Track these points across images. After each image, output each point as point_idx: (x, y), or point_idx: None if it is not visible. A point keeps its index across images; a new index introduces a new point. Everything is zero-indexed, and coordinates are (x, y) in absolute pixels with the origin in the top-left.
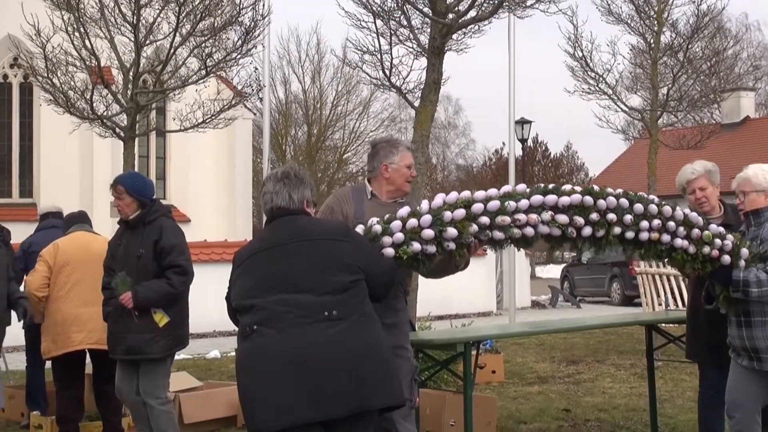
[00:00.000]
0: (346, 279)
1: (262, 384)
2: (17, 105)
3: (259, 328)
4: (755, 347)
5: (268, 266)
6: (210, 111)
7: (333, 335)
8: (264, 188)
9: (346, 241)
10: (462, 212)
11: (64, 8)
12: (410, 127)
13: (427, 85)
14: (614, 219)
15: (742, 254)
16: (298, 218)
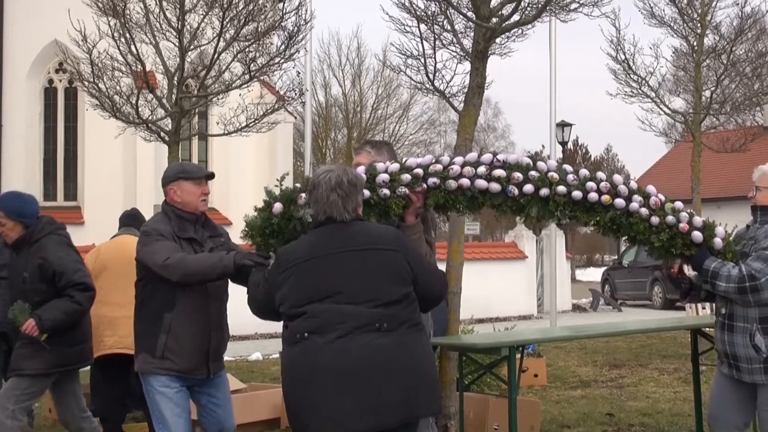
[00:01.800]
0: (399, 291)
1: (313, 393)
2: (62, 109)
3: (310, 336)
4: (735, 354)
5: (320, 274)
6: (253, 115)
7: (383, 346)
8: (316, 193)
9: (398, 251)
10: (396, 166)
11: (111, 14)
12: (450, 130)
13: (470, 89)
14: (556, 177)
15: (717, 232)
16: (352, 225)
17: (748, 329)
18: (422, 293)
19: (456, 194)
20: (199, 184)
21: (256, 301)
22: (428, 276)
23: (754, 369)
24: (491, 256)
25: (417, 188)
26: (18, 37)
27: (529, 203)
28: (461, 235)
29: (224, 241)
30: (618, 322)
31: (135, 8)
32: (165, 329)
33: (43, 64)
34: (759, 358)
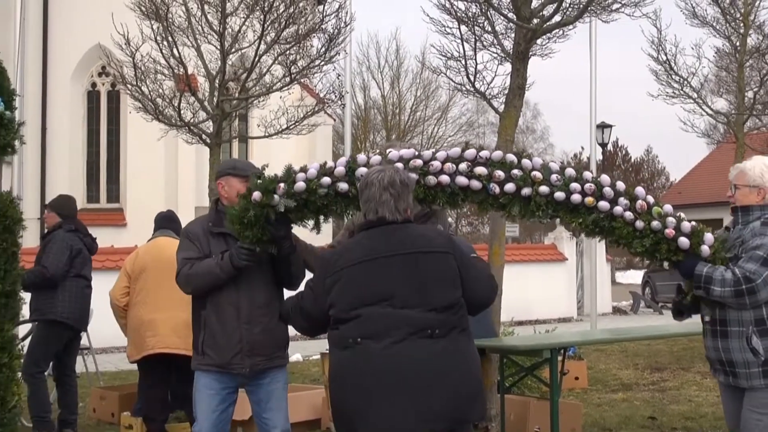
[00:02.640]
0: (451, 295)
1: (363, 398)
2: (105, 112)
3: (363, 341)
4: (731, 360)
5: (373, 278)
6: (294, 117)
7: (436, 352)
8: (367, 192)
9: (450, 254)
10: (378, 158)
11: (153, 18)
12: (488, 131)
13: (511, 90)
14: (539, 177)
15: (706, 239)
16: (403, 228)
17: (744, 333)
18: (470, 297)
19: (435, 190)
20: (245, 181)
21: (303, 318)
22: (477, 280)
23: (752, 373)
24: (531, 258)
25: None
26: (62, 42)
27: (510, 202)
28: (502, 237)
29: None
30: (659, 325)
31: (177, 12)
32: (202, 326)
33: (86, 68)
34: (757, 362)
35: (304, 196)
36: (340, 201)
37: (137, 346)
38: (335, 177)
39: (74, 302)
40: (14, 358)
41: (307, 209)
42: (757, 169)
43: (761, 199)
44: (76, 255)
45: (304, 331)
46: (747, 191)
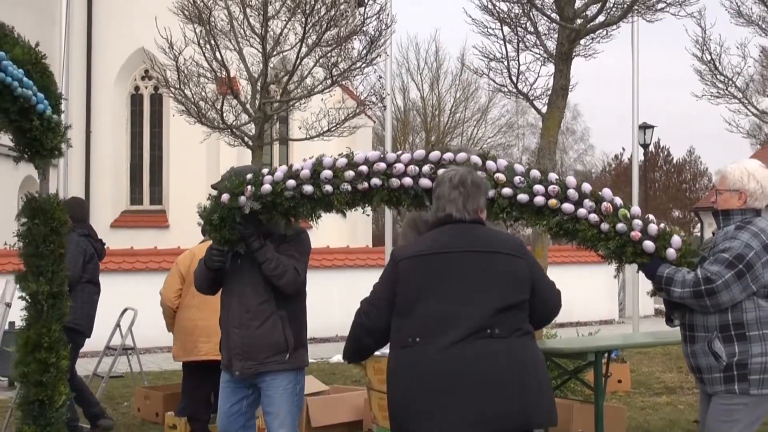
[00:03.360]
0: (516, 296)
1: (422, 400)
2: (148, 115)
3: (421, 340)
4: (698, 365)
5: (438, 272)
6: (335, 119)
7: (496, 353)
8: (438, 190)
9: (521, 258)
10: (343, 161)
11: (196, 22)
12: (528, 132)
13: (554, 91)
14: (503, 179)
15: (673, 243)
16: (474, 227)
17: (708, 338)
18: (540, 307)
19: (400, 192)
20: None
21: (365, 333)
22: (548, 290)
23: (714, 378)
24: (573, 260)
25: (359, 186)
26: (106, 46)
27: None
28: (544, 239)
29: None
30: None
31: (220, 15)
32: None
33: (129, 72)
34: (719, 366)
35: (270, 199)
36: (306, 203)
37: (187, 349)
38: (300, 179)
39: (85, 308)
40: (61, 359)
41: (276, 211)
42: (737, 172)
43: (742, 203)
44: (89, 260)
45: (366, 352)
46: (728, 195)
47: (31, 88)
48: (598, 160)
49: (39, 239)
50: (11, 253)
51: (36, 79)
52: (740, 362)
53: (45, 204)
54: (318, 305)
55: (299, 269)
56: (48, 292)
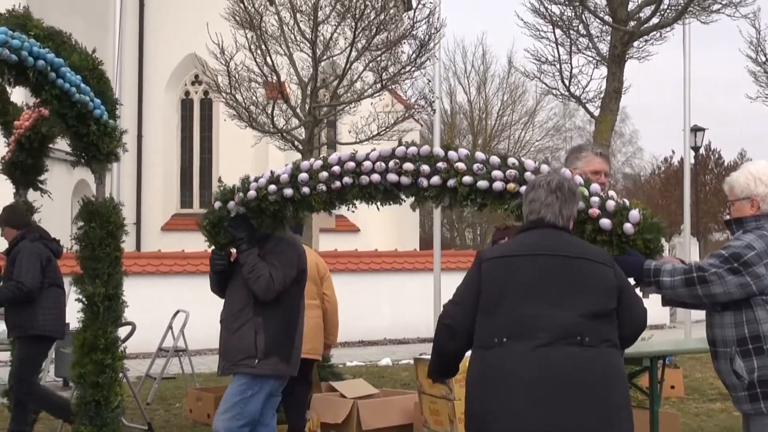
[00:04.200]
0: (607, 305)
1: (504, 402)
2: (198, 120)
3: (509, 341)
4: (725, 383)
5: (528, 272)
6: (384, 123)
7: (585, 361)
8: (533, 194)
9: (611, 268)
10: (319, 163)
11: (247, 27)
12: (575, 136)
13: (607, 94)
14: (463, 168)
15: (631, 217)
16: (564, 233)
17: (728, 354)
18: (626, 317)
19: (370, 188)
20: None
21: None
22: (635, 301)
23: (740, 398)
24: None
25: (333, 186)
26: (157, 52)
27: (440, 194)
28: None
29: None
30: None
31: (270, 21)
32: None
33: (180, 77)
34: (742, 385)
35: (254, 204)
36: (289, 205)
37: None
38: (281, 184)
39: (54, 313)
40: (117, 360)
41: (264, 214)
42: (743, 179)
43: (756, 209)
44: (47, 263)
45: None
46: (739, 205)
47: (89, 93)
48: (647, 164)
49: (95, 242)
50: (67, 256)
51: (93, 84)
52: (762, 378)
53: (101, 208)
54: (366, 308)
55: (274, 277)
56: (104, 294)
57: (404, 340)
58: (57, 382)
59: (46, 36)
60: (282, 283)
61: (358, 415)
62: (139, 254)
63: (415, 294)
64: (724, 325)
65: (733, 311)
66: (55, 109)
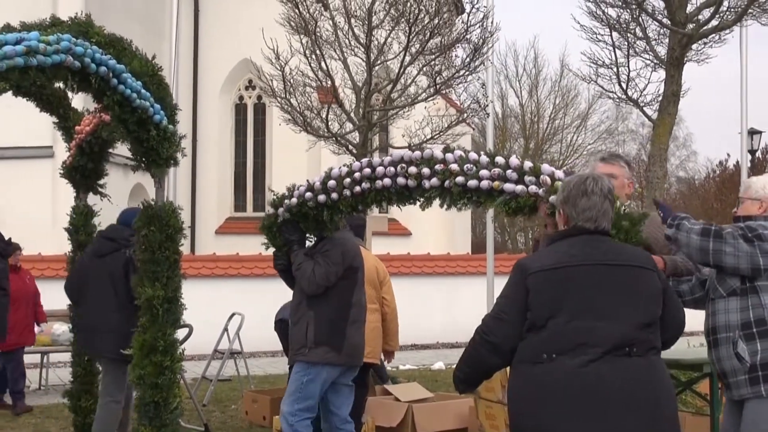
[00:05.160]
0: (654, 313)
1: (556, 420)
2: (252, 124)
3: (558, 357)
4: (723, 371)
5: (572, 285)
6: (438, 127)
7: (633, 373)
8: (586, 201)
9: (655, 272)
10: (345, 170)
11: (302, 32)
12: (628, 139)
13: (665, 97)
14: (456, 169)
15: None
16: (605, 239)
17: (731, 338)
18: (669, 321)
19: (383, 192)
20: None
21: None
22: (676, 304)
23: (739, 382)
24: None
25: (354, 190)
26: (212, 57)
27: (440, 194)
28: None
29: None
30: None
31: (325, 26)
32: None
33: (234, 82)
34: (743, 368)
35: (297, 209)
36: (323, 209)
37: None
38: (315, 191)
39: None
40: (176, 362)
41: (307, 218)
42: (760, 182)
43: (763, 210)
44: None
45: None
46: (749, 204)
47: (149, 99)
48: (702, 167)
49: (155, 245)
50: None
51: (153, 90)
52: (764, 361)
53: (161, 211)
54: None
55: (316, 272)
56: (163, 297)
57: (457, 344)
58: None
59: (107, 43)
60: (324, 278)
61: (412, 418)
62: (195, 257)
63: (467, 298)
64: (729, 310)
65: (740, 296)
66: (116, 114)
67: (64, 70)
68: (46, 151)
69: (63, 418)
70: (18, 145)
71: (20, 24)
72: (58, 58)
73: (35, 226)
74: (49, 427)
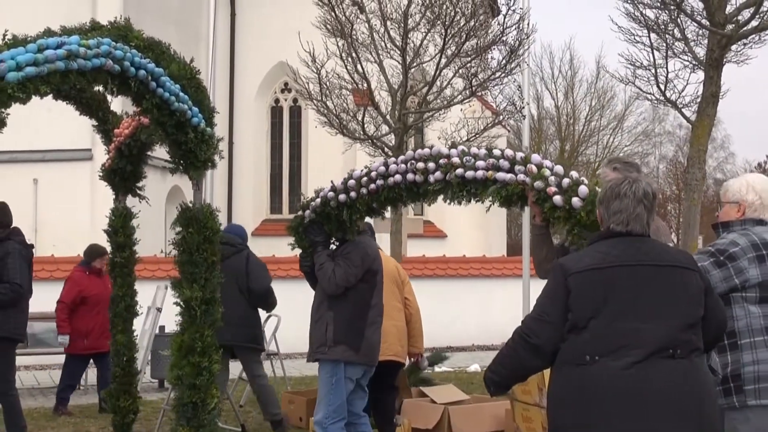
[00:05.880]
0: (697, 313)
1: (599, 423)
2: (287, 126)
3: (601, 359)
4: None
5: (621, 285)
6: (474, 129)
7: (678, 374)
8: (618, 204)
9: (697, 272)
10: (365, 170)
11: (338, 35)
12: (665, 141)
13: (704, 98)
14: (458, 162)
15: (580, 192)
16: (645, 239)
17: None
18: (712, 322)
19: (394, 189)
20: None
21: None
22: (718, 305)
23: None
24: None
25: (369, 188)
26: (248, 60)
27: (444, 188)
28: (694, 246)
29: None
30: None
31: (361, 29)
32: None
33: (270, 85)
34: (716, 381)
35: (321, 209)
36: (345, 209)
37: None
38: (337, 191)
39: (23, 316)
40: (213, 363)
41: (330, 219)
42: (737, 184)
43: (741, 214)
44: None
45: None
46: (728, 207)
47: (187, 102)
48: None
49: (193, 247)
50: (161, 260)
51: (191, 93)
52: (734, 373)
53: (198, 213)
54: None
55: (336, 273)
56: (201, 298)
57: (492, 347)
58: (153, 383)
59: (146, 46)
60: (344, 279)
61: (449, 420)
62: None
63: (503, 300)
64: None
65: None
66: (155, 117)
67: (104, 74)
68: (85, 153)
69: (102, 418)
70: (58, 147)
71: (61, 28)
72: (98, 62)
73: (74, 227)
74: (88, 426)
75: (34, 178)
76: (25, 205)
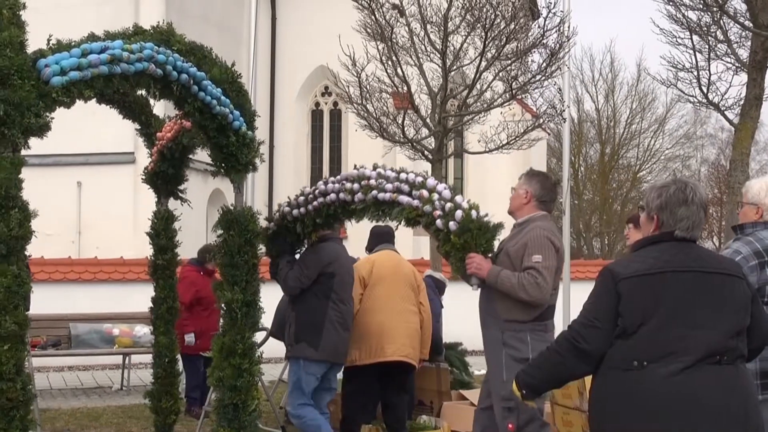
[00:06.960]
0: (743, 321)
1: (646, 426)
2: (327, 130)
3: (650, 365)
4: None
5: (672, 291)
6: (514, 132)
7: (724, 380)
8: (685, 210)
9: (744, 280)
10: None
11: (379, 39)
12: (707, 143)
13: (747, 101)
14: (374, 184)
15: (456, 216)
16: (694, 245)
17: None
18: (756, 329)
19: (331, 207)
20: None
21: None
22: (763, 313)
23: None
24: None
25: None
26: (288, 64)
27: (366, 207)
28: None
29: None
30: None
31: (401, 32)
32: None
33: (310, 89)
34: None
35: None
36: (296, 223)
37: (371, 351)
38: (291, 206)
39: None
40: (254, 364)
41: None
42: (757, 186)
43: (759, 216)
44: None
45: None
46: (747, 209)
47: (228, 106)
48: None
49: (234, 250)
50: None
51: (232, 97)
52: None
53: (240, 216)
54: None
55: (289, 275)
56: (242, 301)
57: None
58: None
59: (188, 51)
60: (297, 280)
61: None
62: None
63: None
64: None
65: None
66: (197, 121)
67: (147, 78)
68: (128, 157)
69: (144, 419)
70: (101, 151)
71: (104, 33)
72: (140, 66)
73: (117, 230)
74: (131, 427)
75: (78, 181)
76: (69, 207)
